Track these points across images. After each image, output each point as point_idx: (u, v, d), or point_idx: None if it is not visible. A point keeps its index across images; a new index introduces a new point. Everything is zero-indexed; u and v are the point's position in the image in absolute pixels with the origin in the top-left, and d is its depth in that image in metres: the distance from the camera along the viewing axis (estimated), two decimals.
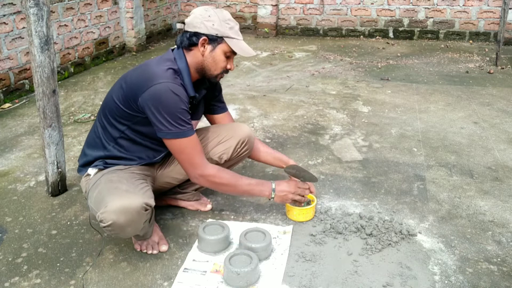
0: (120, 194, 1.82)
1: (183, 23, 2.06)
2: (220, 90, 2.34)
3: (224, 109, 2.38)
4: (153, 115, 1.91)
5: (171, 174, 2.24)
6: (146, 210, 1.84)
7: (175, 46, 2.09)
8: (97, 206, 1.86)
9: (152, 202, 1.88)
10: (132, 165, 2.07)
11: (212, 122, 2.39)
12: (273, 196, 2.15)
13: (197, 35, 1.99)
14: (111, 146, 2.06)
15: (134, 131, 2.03)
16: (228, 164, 2.29)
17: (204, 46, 2.01)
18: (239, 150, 2.26)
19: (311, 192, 2.28)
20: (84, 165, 2.11)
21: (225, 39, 2.00)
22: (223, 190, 2.13)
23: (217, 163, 2.21)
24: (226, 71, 2.09)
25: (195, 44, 2.01)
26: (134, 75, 2.00)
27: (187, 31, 2.02)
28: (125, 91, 1.98)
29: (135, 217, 1.81)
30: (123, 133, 2.04)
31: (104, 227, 1.80)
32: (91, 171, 2.04)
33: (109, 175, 1.97)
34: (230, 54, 2.04)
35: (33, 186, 2.65)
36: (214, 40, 1.99)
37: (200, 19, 1.98)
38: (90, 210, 1.95)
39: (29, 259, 2.01)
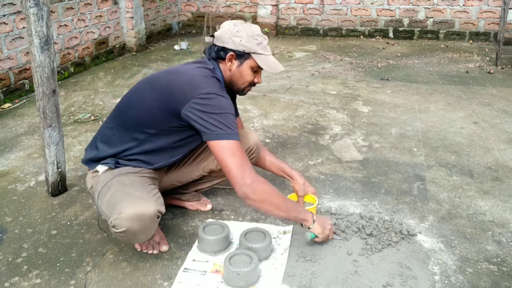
0: (134, 201, 1.80)
1: (213, 36, 2.06)
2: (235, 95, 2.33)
3: (236, 114, 2.37)
4: (202, 119, 1.85)
5: (177, 177, 2.25)
6: (158, 217, 1.85)
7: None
8: (110, 211, 1.83)
9: (163, 209, 1.88)
10: (143, 168, 2.04)
11: None
12: (311, 226, 1.98)
13: (225, 50, 2.00)
14: (132, 147, 2.01)
15: (163, 136, 1.99)
16: None
17: (232, 61, 2.02)
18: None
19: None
20: (94, 160, 2.06)
21: (252, 55, 2.00)
22: (269, 203, 1.87)
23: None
24: (253, 84, 2.09)
25: (223, 58, 2.02)
26: (175, 81, 1.95)
27: (215, 45, 2.03)
28: (165, 97, 1.92)
29: (148, 224, 1.81)
30: (151, 135, 1.99)
31: (117, 233, 1.79)
32: (100, 168, 2.00)
33: (121, 178, 1.93)
34: (257, 69, 2.04)
35: (33, 186, 2.65)
36: (241, 56, 2.00)
37: (228, 34, 1.99)
38: (100, 212, 1.92)
39: (29, 259, 2.01)
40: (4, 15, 4.01)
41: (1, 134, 3.41)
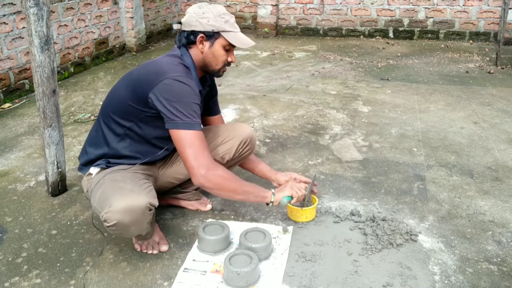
0: (124, 194, 1.82)
1: (180, 23, 2.09)
2: (216, 92, 2.37)
3: (218, 111, 2.42)
4: (164, 107, 1.90)
5: (173, 174, 2.24)
6: (150, 210, 1.85)
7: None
8: (101, 206, 1.84)
9: (155, 202, 1.88)
10: (134, 165, 2.06)
11: (205, 123, 2.40)
12: (272, 200, 2.09)
13: (194, 33, 2.02)
14: (115, 143, 2.05)
15: (140, 127, 2.03)
16: (229, 164, 2.31)
17: (203, 43, 2.04)
18: (241, 150, 2.27)
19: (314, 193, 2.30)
20: (85, 163, 2.10)
21: (221, 33, 2.02)
22: (226, 189, 1.97)
23: (219, 163, 2.21)
24: (228, 64, 2.11)
25: (194, 42, 2.04)
26: (144, 71, 2.01)
27: (184, 31, 2.06)
28: (133, 86, 1.99)
29: (139, 217, 1.81)
30: (128, 129, 2.04)
31: (108, 226, 1.80)
32: (93, 170, 2.03)
33: (112, 175, 1.96)
34: (230, 47, 2.06)
35: (33, 186, 2.65)
36: (211, 36, 2.02)
37: (195, 17, 2.02)
38: (93, 210, 1.94)
39: (29, 259, 2.01)
40: (4, 15, 4.01)
41: (1, 134, 3.41)
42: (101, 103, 4.10)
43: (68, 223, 2.28)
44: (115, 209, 1.77)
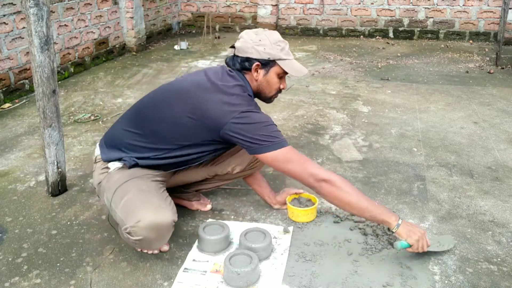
0: (153, 210, 1.80)
1: (233, 47, 2.03)
2: None
3: None
4: (247, 137, 1.86)
5: (183, 179, 2.26)
6: (173, 226, 1.88)
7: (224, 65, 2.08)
8: (125, 217, 1.82)
9: (176, 217, 1.89)
10: (159, 172, 2.04)
11: None
12: (399, 222, 1.88)
13: (249, 60, 1.97)
14: (158, 155, 1.98)
15: (194, 146, 1.97)
16: (238, 175, 2.32)
17: (258, 71, 1.99)
18: (252, 164, 2.28)
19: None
20: (115, 159, 2.01)
21: (277, 61, 1.98)
22: (344, 199, 1.88)
23: (228, 173, 2.25)
24: (279, 91, 2.09)
25: (248, 69, 1.99)
26: (210, 101, 1.89)
27: (237, 56, 2.00)
28: (200, 114, 1.89)
29: (164, 233, 1.85)
30: (184, 147, 1.97)
31: (132, 240, 1.82)
32: (112, 165, 1.98)
33: (137, 182, 1.91)
34: (283, 75, 2.03)
35: (33, 186, 2.65)
36: (267, 64, 1.98)
37: (250, 44, 1.96)
38: (111, 213, 1.93)
39: (29, 259, 2.01)
40: (4, 15, 4.01)
41: (1, 134, 3.41)
42: (101, 103, 4.10)
43: (68, 223, 2.28)
44: (143, 225, 1.77)
